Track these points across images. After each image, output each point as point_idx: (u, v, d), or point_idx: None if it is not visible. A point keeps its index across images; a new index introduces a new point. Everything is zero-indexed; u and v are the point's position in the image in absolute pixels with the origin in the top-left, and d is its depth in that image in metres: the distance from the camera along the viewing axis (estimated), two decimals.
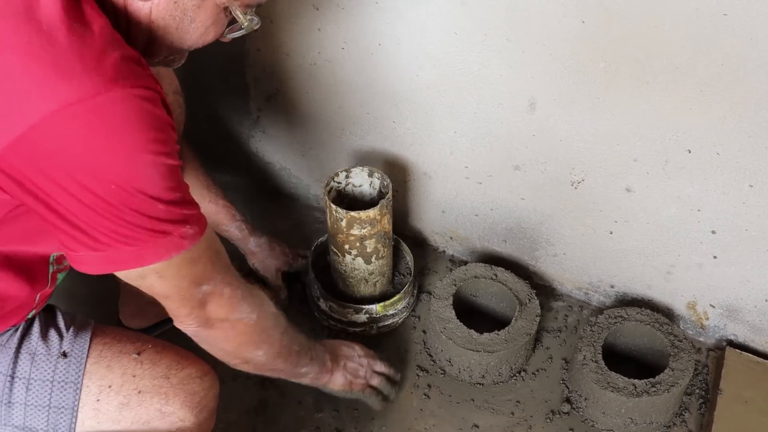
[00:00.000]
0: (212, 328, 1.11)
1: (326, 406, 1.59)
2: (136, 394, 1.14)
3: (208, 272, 1.06)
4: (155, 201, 0.93)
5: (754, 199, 1.39)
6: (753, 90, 1.24)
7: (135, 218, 0.92)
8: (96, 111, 0.86)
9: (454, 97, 1.56)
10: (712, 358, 1.67)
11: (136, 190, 0.91)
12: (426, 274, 1.87)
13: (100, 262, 0.96)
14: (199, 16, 1.00)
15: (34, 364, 1.12)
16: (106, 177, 0.89)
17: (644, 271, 1.65)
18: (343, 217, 1.52)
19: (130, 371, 1.16)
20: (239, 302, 1.12)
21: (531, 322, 1.59)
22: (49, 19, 0.87)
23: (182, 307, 1.07)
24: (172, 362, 1.19)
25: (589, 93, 1.39)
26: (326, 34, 1.61)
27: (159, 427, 1.15)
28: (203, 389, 1.19)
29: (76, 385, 1.13)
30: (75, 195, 0.89)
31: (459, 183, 1.72)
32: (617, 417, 1.50)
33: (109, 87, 0.87)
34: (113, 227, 0.92)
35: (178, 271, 1.01)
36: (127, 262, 0.96)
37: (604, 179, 1.52)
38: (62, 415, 1.12)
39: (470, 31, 1.43)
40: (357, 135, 1.78)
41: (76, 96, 0.85)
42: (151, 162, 0.92)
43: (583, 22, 1.30)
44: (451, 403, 1.60)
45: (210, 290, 1.07)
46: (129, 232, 0.93)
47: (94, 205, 0.90)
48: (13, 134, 0.85)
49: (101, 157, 0.88)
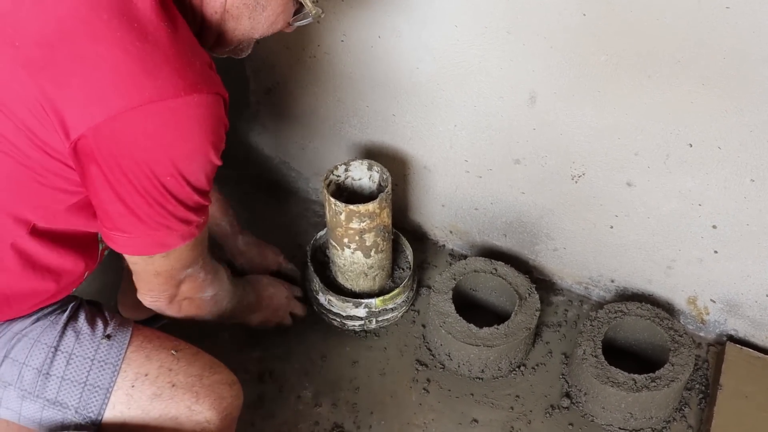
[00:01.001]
0: (173, 303, 1.21)
1: (325, 400, 1.58)
2: (169, 387, 1.18)
3: (196, 256, 1.15)
4: (194, 192, 1.03)
5: (755, 194, 1.38)
6: (755, 84, 1.24)
7: (174, 207, 1.02)
8: (173, 112, 0.94)
9: (455, 91, 1.55)
10: (713, 353, 1.67)
11: (185, 182, 1.01)
12: (425, 268, 1.86)
13: (135, 246, 1.06)
14: (270, 4, 1.06)
15: (78, 340, 1.18)
16: (167, 170, 0.98)
17: (645, 266, 1.64)
18: (342, 210, 1.51)
19: (167, 365, 1.20)
20: (208, 285, 1.23)
21: (531, 317, 1.59)
22: (143, 15, 0.94)
23: (165, 284, 1.16)
24: (205, 365, 1.24)
25: (590, 86, 1.39)
26: (326, 27, 1.60)
27: (185, 424, 1.18)
28: (231, 396, 1.23)
29: (115, 367, 1.17)
30: (132, 181, 0.98)
31: (459, 177, 1.71)
32: (617, 412, 1.50)
33: (189, 91, 0.94)
34: (153, 215, 1.02)
35: (180, 254, 1.11)
36: (152, 247, 1.07)
37: (604, 173, 1.51)
38: (96, 393, 1.16)
39: (470, 23, 1.42)
40: (356, 128, 1.77)
41: (158, 95, 0.93)
42: (206, 161, 1.02)
43: (584, 14, 1.29)
44: (450, 398, 1.60)
45: (191, 272, 1.17)
46: (164, 220, 1.03)
47: (146, 192, 0.99)
48: (94, 121, 0.92)
49: (169, 152, 0.97)
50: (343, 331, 1.70)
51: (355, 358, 1.66)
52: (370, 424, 1.55)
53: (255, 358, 1.65)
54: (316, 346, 1.68)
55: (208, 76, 0.98)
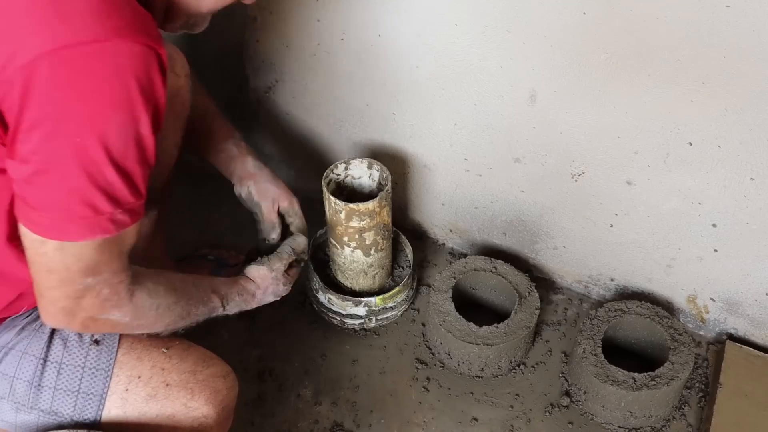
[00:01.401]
0: (74, 319, 1.04)
1: (324, 398, 1.58)
2: (163, 387, 1.16)
3: (103, 266, 1.00)
4: (113, 168, 0.91)
5: (755, 192, 1.38)
6: (755, 82, 1.24)
7: (81, 183, 0.90)
8: (88, 57, 0.85)
9: (455, 89, 1.55)
10: (712, 351, 1.67)
11: (102, 149, 0.89)
12: (425, 266, 1.86)
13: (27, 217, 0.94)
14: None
15: (66, 349, 1.14)
16: (79, 128, 0.88)
17: (644, 265, 1.64)
18: (342, 209, 1.51)
19: (159, 364, 1.18)
20: (112, 308, 1.05)
21: (530, 315, 1.59)
22: None
23: (58, 288, 1.00)
24: (198, 360, 1.21)
25: (590, 85, 1.39)
26: (326, 26, 1.60)
27: (182, 421, 1.17)
28: (226, 388, 1.21)
29: (107, 373, 1.14)
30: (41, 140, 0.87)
31: (459, 175, 1.71)
32: (617, 410, 1.50)
33: (109, 37, 0.85)
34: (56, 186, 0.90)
35: (80, 252, 0.96)
36: (48, 230, 0.94)
37: (604, 172, 1.51)
38: (90, 401, 1.14)
39: (470, 22, 1.42)
40: (356, 127, 1.77)
41: (73, 39, 0.84)
42: (130, 126, 0.90)
43: (584, 13, 1.29)
44: (450, 396, 1.60)
45: (91, 284, 1.00)
46: (66, 197, 0.91)
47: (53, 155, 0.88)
48: (5, 70, 0.84)
49: (82, 107, 0.87)
50: (343, 329, 1.70)
51: (355, 357, 1.67)
52: (369, 422, 1.55)
53: (255, 357, 1.65)
54: (316, 345, 1.68)
55: (139, 26, 0.89)
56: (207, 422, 1.18)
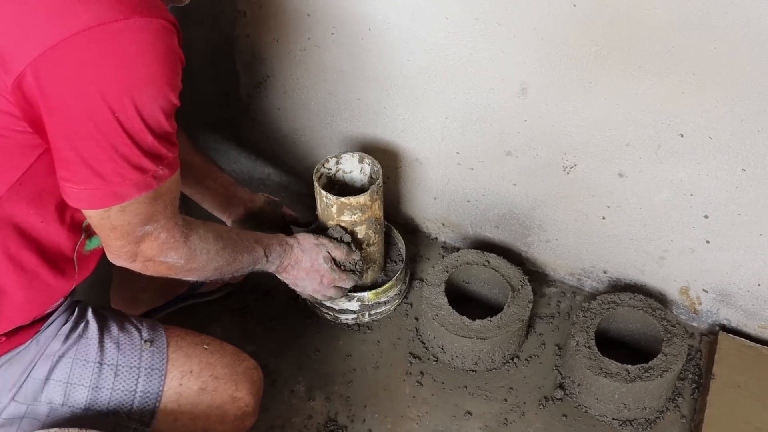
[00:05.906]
0: (135, 261, 1.14)
1: (318, 394, 1.58)
2: (212, 380, 1.25)
3: (158, 214, 1.09)
4: (149, 132, 0.97)
5: (746, 184, 1.38)
6: (746, 73, 1.23)
7: (128, 149, 0.97)
8: (114, 36, 0.90)
9: (445, 83, 1.54)
10: (705, 343, 1.67)
11: (138, 117, 0.95)
12: (418, 260, 1.86)
13: (87, 199, 1.01)
14: None
15: (120, 351, 1.21)
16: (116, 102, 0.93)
17: (637, 257, 1.64)
18: (333, 203, 1.50)
19: (205, 359, 1.27)
20: (169, 250, 1.14)
21: (524, 309, 1.59)
22: None
23: (121, 239, 1.09)
24: (233, 355, 1.31)
25: (581, 77, 1.38)
26: (316, 20, 1.60)
27: (229, 411, 1.26)
28: (259, 379, 1.32)
29: (161, 372, 1.22)
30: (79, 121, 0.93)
31: (451, 169, 1.71)
32: (610, 402, 1.50)
33: (129, 14, 0.90)
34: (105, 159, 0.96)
35: (137, 207, 1.05)
36: (105, 199, 1.01)
37: (596, 164, 1.51)
38: (147, 399, 1.21)
39: (461, 15, 1.42)
40: (347, 121, 1.76)
41: (95, 20, 0.88)
42: (160, 94, 0.96)
43: (574, 5, 1.29)
44: (443, 390, 1.60)
45: (150, 230, 1.10)
46: (116, 166, 0.97)
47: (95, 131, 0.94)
48: (30, 56, 0.88)
49: (116, 82, 0.92)
50: (336, 324, 1.70)
51: (349, 352, 1.66)
52: (363, 417, 1.55)
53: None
54: (310, 340, 1.68)
55: (152, 3, 0.94)
56: (248, 410, 1.28)
